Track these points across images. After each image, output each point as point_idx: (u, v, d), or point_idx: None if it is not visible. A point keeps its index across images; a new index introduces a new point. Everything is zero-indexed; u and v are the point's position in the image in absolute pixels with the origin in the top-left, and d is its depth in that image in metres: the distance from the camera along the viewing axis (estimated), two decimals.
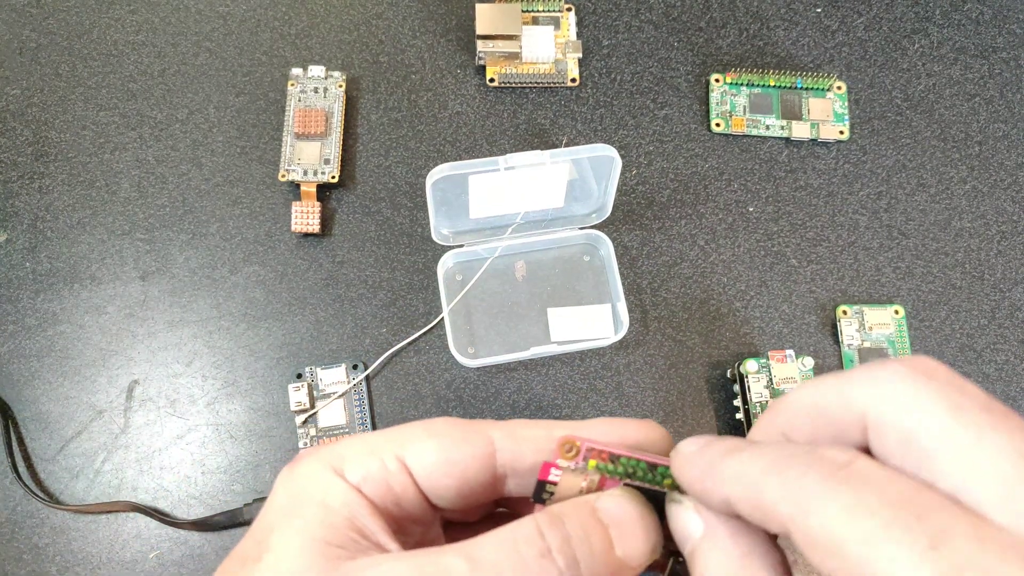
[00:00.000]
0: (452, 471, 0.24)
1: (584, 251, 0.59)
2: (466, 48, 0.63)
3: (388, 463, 0.24)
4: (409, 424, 0.25)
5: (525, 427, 0.25)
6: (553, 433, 0.24)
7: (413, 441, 0.24)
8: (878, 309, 0.57)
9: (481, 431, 0.24)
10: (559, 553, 0.21)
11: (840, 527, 0.18)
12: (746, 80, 0.62)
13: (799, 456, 0.20)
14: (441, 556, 0.21)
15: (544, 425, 0.25)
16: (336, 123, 0.60)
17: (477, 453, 0.24)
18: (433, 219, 0.54)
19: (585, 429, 0.24)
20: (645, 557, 0.23)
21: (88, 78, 0.61)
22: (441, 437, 0.24)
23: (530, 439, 0.24)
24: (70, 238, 0.58)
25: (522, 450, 0.24)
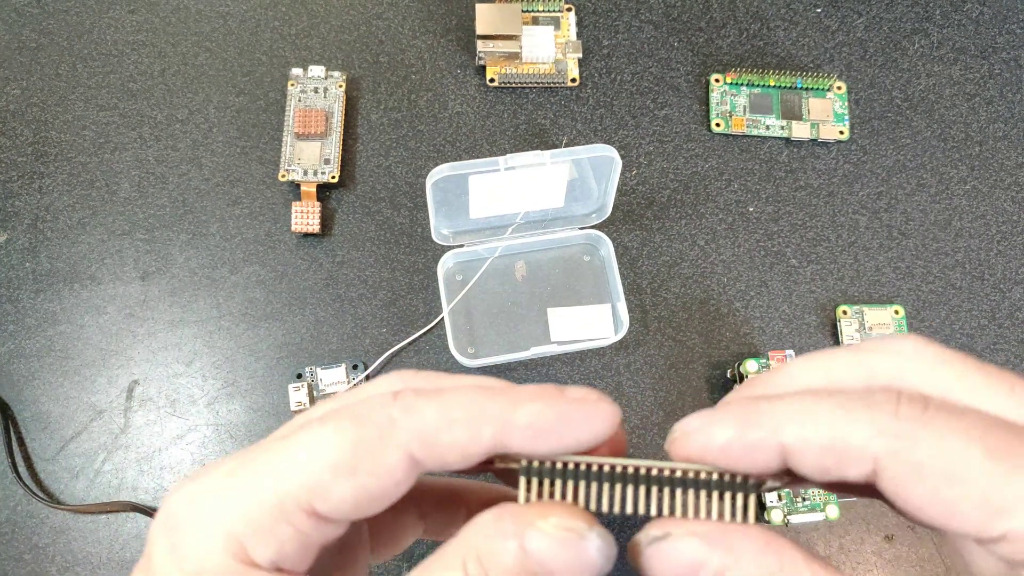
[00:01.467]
0: (373, 505, 0.21)
1: (584, 251, 0.59)
2: (466, 48, 0.63)
3: (300, 524, 0.21)
4: (291, 447, 0.21)
5: (447, 428, 0.21)
6: (481, 436, 0.21)
7: (319, 485, 0.20)
8: (878, 309, 0.57)
9: (396, 448, 0.20)
10: None
11: (958, 452, 0.18)
12: (746, 80, 0.62)
13: (876, 394, 0.20)
14: None
15: (467, 424, 0.21)
16: (336, 123, 0.60)
17: (399, 479, 0.21)
18: (433, 219, 0.54)
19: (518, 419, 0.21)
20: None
21: (88, 78, 0.61)
22: (354, 471, 0.20)
23: (453, 447, 0.21)
24: (70, 238, 0.58)
25: (445, 460, 0.21)
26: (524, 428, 0.21)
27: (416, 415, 0.21)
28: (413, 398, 0.21)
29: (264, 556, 0.21)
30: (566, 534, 0.20)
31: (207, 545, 0.21)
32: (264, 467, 0.21)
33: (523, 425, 0.21)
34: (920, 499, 0.19)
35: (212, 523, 0.21)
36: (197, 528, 0.21)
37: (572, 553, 0.20)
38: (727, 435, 0.20)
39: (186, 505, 0.22)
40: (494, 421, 0.21)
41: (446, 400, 0.21)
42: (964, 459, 0.18)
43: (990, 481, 0.18)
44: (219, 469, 0.22)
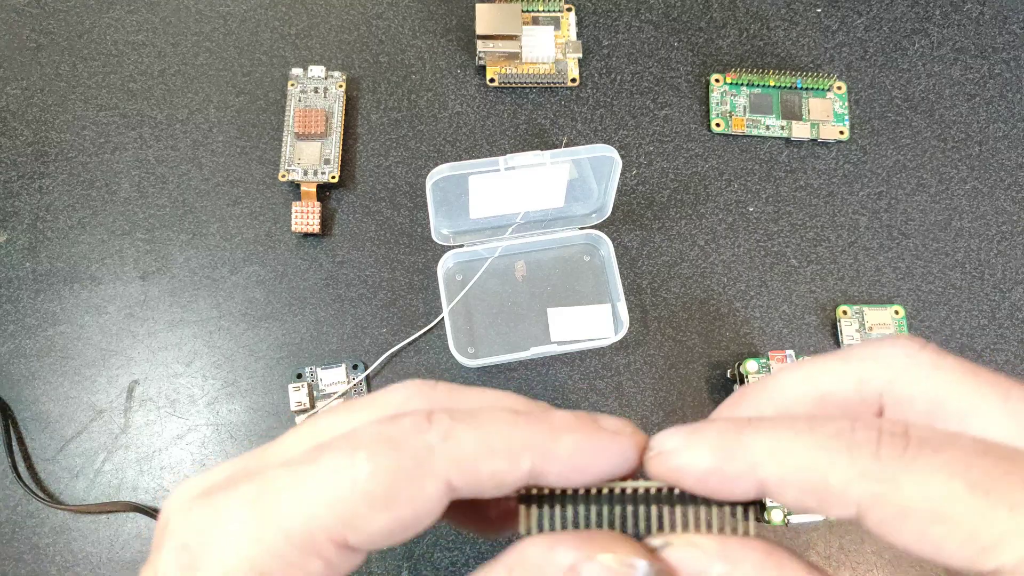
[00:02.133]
0: (407, 534, 0.20)
1: (584, 251, 0.59)
2: (466, 48, 0.63)
3: (331, 558, 0.20)
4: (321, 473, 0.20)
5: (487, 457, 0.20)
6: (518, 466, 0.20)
7: (352, 517, 0.20)
8: (878, 309, 0.57)
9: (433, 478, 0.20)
10: None
11: (941, 491, 0.18)
12: (746, 80, 0.62)
13: (857, 432, 0.19)
14: None
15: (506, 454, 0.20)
16: (336, 123, 0.60)
17: (435, 509, 0.20)
18: (433, 219, 0.54)
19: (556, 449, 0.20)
20: None
21: (88, 78, 0.61)
22: (389, 504, 0.20)
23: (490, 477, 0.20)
24: (70, 238, 0.58)
25: (483, 490, 0.20)
26: (564, 460, 0.20)
27: (454, 443, 0.20)
28: (450, 423, 0.20)
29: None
30: (625, 569, 0.19)
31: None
32: (292, 495, 0.20)
33: (563, 457, 0.20)
34: (907, 539, 0.19)
35: (234, 555, 0.20)
36: (216, 560, 0.20)
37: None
38: (704, 463, 0.20)
39: (204, 532, 0.20)
40: (534, 451, 0.20)
41: (484, 427, 0.20)
42: (948, 498, 0.18)
43: (976, 517, 0.18)
44: (237, 494, 0.20)
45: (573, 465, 0.20)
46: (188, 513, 0.21)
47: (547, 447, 0.20)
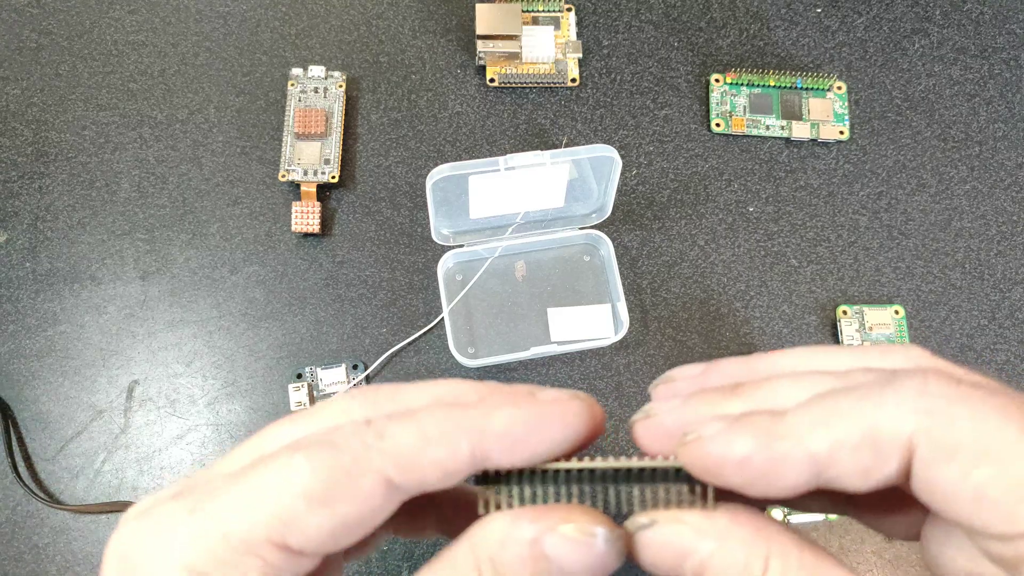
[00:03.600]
0: (351, 535, 0.20)
1: (584, 251, 0.59)
2: (466, 48, 0.63)
3: (271, 560, 0.20)
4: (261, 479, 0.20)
5: (423, 447, 0.20)
6: (458, 453, 0.20)
7: (292, 518, 0.19)
8: (878, 309, 0.57)
9: (372, 474, 0.20)
10: None
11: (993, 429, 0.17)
12: (746, 80, 0.62)
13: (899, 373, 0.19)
14: None
15: (443, 441, 0.20)
16: (336, 123, 0.60)
17: (376, 506, 0.20)
18: (433, 219, 0.54)
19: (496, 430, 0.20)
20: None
21: (88, 78, 0.61)
22: (328, 501, 0.19)
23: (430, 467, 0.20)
24: (70, 238, 0.58)
25: (425, 481, 0.20)
26: (501, 436, 0.20)
27: (391, 439, 0.20)
28: (386, 422, 0.20)
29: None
30: (586, 538, 0.20)
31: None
32: (230, 500, 0.20)
33: (499, 432, 0.20)
34: (948, 482, 0.18)
35: (169, 559, 0.20)
36: (154, 565, 0.20)
37: (591, 555, 0.20)
38: (746, 448, 0.19)
39: (141, 541, 0.20)
40: (470, 433, 0.20)
41: (420, 420, 0.20)
42: (1000, 438, 0.17)
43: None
44: (176, 504, 0.20)
45: (512, 440, 0.20)
46: (127, 526, 0.21)
47: (482, 427, 0.20)
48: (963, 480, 0.18)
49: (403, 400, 0.22)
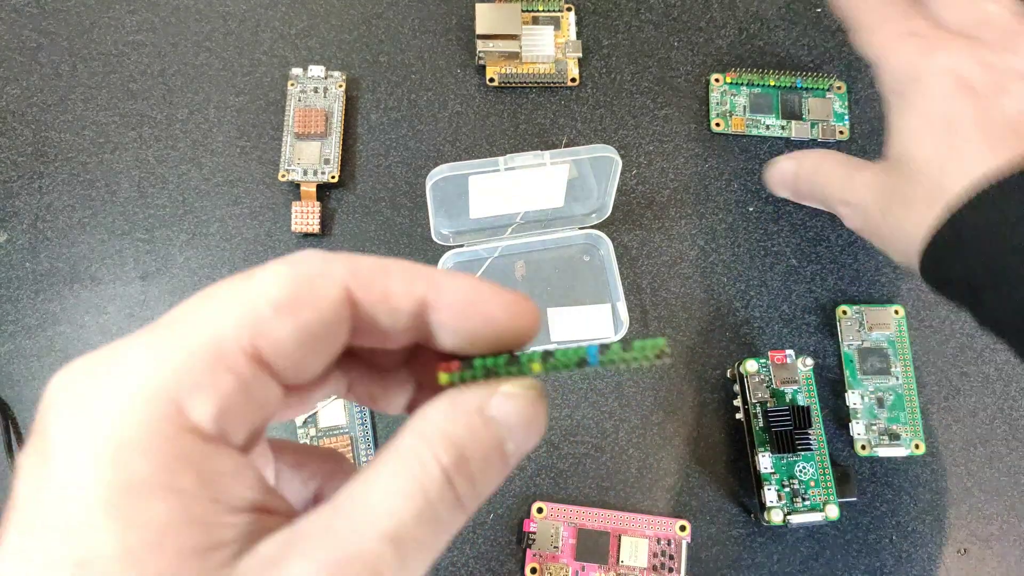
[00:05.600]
0: (316, 348, 0.20)
1: (584, 251, 0.59)
2: (466, 48, 0.63)
3: (243, 371, 0.18)
4: (227, 291, 0.19)
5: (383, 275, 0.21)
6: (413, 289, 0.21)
7: (261, 323, 0.19)
8: (878, 309, 0.57)
9: (334, 284, 0.20)
10: (468, 498, 0.20)
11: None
12: (746, 80, 0.62)
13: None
14: (361, 545, 0.18)
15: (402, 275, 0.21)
16: (336, 123, 0.60)
17: (339, 320, 0.20)
18: (433, 219, 0.54)
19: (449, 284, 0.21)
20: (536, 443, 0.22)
21: (88, 78, 0.61)
22: (294, 308, 0.19)
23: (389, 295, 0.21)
24: (70, 238, 0.58)
25: (379, 311, 0.21)
26: (455, 294, 0.21)
27: (355, 259, 0.21)
28: (355, 254, 0.21)
29: (205, 412, 0.18)
30: (528, 393, 0.21)
31: (130, 406, 0.17)
32: (199, 311, 0.19)
33: (454, 290, 0.21)
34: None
35: (136, 379, 0.18)
36: (114, 388, 0.17)
37: (530, 408, 0.21)
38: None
39: (97, 363, 0.18)
40: (428, 281, 0.21)
41: (384, 258, 0.21)
42: None
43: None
44: (131, 337, 0.19)
45: (465, 302, 0.21)
46: (71, 364, 0.19)
47: (442, 280, 0.21)
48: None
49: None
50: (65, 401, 0.18)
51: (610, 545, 0.52)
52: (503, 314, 0.21)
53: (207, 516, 0.17)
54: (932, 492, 0.55)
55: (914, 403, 0.55)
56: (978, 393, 0.57)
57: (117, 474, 0.17)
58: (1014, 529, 0.54)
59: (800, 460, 0.51)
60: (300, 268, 0.20)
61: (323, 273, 0.20)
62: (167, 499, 0.17)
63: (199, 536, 0.17)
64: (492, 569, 0.52)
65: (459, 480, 0.19)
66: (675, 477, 0.54)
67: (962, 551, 0.54)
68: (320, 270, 0.20)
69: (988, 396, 0.57)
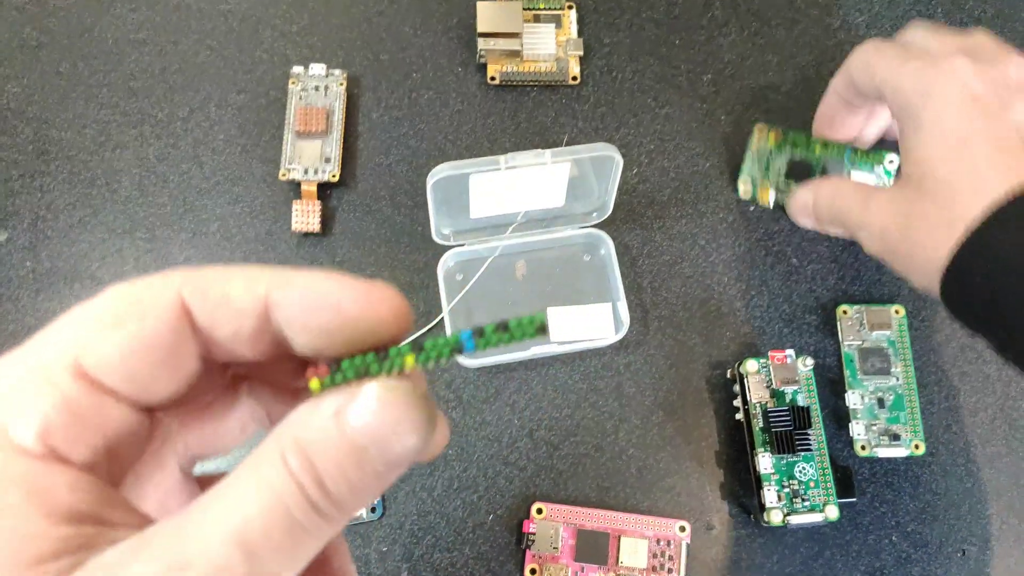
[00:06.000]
0: (147, 358, 0.20)
1: (584, 250, 0.59)
2: (467, 46, 0.63)
3: (64, 386, 0.19)
4: (61, 318, 0.20)
5: (221, 280, 0.20)
6: (253, 289, 0.20)
7: (84, 339, 0.19)
8: (879, 309, 0.57)
9: (164, 294, 0.20)
10: (324, 505, 0.19)
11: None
12: (791, 139, 0.56)
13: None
14: (206, 546, 0.17)
15: (241, 277, 0.21)
16: (337, 121, 0.60)
17: (170, 327, 0.20)
18: (433, 218, 0.54)
19: (289, 279, 0.21)
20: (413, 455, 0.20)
21: (89, 76, 0.61)
22: (119, 321, 0.19)
23: (227, 299, 0.20)
24: (70, 237, 0.58)
25: (220, 316, 0.20)
26: (296, 287, 0.20)
27: (191, 270, 0.20)
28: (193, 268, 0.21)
29: (27, 431, 0.18)
30: (390, 395, 0.19)
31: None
32: (35, 338, 0.19)
33: (295, 283, 0.20)
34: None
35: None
36: None
37: (402, 411, 0.19)
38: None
39: None
40: (272, 279, 0.20)
41: (228, 266, 0.21)
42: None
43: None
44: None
45: (309, 295, 0.20)
46: None
47: (284, 277, 0.20)
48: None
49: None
50: None
51: (610, 546, 0.52)
52: (354, 305, 0.20)
53: (38, 529, 0.17)
54: (932, 492, 0.55)
55: (914, 403, 0.55)
56: (978, 393, 0.56)
57: None
58: (1014, 529, 0.54)
59: (800, 460, 0.51)
60: (130, 286, 0.20)
61: (152, 286, 0.20)
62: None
63: (31, 548, 0.17)
64: (492, 570, 0.52)
65: (310, 486, 0.18)
66: (675, 477, 0.54)
67: (962, 551, 0.54)
68: (150, 284, 0.20)
69: (988, 396, 0.56)
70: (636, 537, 0.52)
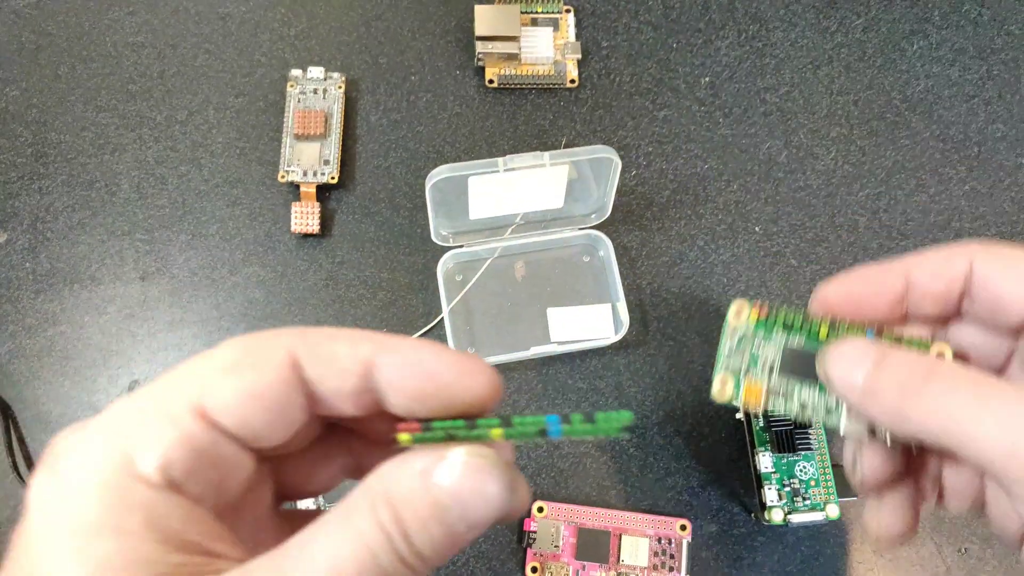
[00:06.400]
0: (261, 405, 0.21)
1: (584, 251, 0.59)
2: (465, 49, 0.63)
3: (187, 424, 0.20)
4: (187, 363, 0.21)
5: (329, 340, 0.22)
6: (359, 351, 0.22)
7: (206, 383, 0.21)
8: None
9: (279, 348, 0.21)
10: (409, 557, 0.20)
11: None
12: (782, 320, 0.33)
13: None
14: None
15: (348, 339, 0.22)
16: (335, 124, 0.60)
17: (283, 379, 0.21)
18: (432, 220, 0.54)
19: (393, 345, 0.22)
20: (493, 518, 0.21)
21: (88, 79, 0.61)
22: (238, 369, 0.21)
23: (335, 358, 0.22)
24: (70, 239, 0.58)
25: (326, 373, 0.22)
26: (398, 352, 0.22)
27: (302, 329, 0.22)
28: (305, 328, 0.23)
29: (149, 463, 0.19)
30: (476, 461, 0.20)
31: (91, 461, 0.20)
32: (161, 379, 0.21)
33: (398, 348, 0.22)
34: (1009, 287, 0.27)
35: (97, 441, 0.20)
36: (82, 451, 0.20)
37: (486, 481, 0.20)
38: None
39: (71, 435, 0.21)
40: (374, 343, 0.22)
41: (333, 327, 0.23)
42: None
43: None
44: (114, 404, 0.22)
45: (409, 362, 0.22)
46: (70, 428, 0.22)
47: (387, 341, 0.22)
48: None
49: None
50: (45, 468, 0.21)
51: (611, 544, 0.52)
52: (450, 373, 0.22)
53: (154, 555, 0.19)
54: None
55: None
56: None
57: (72, 518, 0.19)
58: None
59: (800, 459, 0.51)
60: (249, 339, 0.22)
61: (268, 339, 0.22)
62: (114, 538, 0.19)
63: (146, 572, 0.18)
64: (493, 568, 0.52)
65: (397, 537, 0.20)
66: (675, 477, 0.54)
67: (962, 551, 0.54)
68: (265, 338, 0.22)
69: None
70: (637, 536, 0.52)
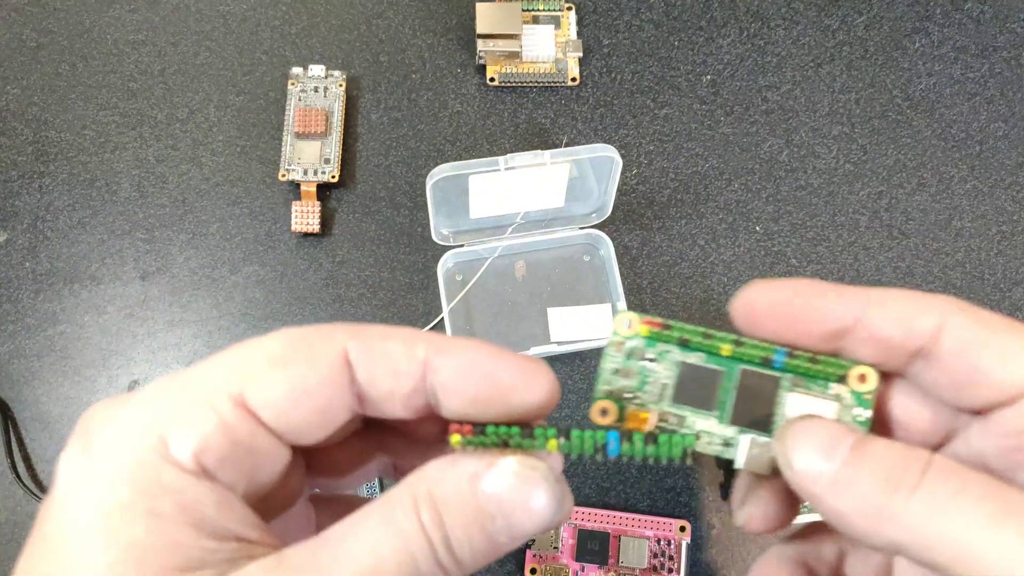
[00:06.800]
0: (307, 403, 0.20)
1: (584, 251, 0.59)
2: (466, 47, 0.63)
3: (226, 414, 0.19)
4: (232, 350, 0.21)
5: (383, 340, 0.21)
6: (415, 352, 0.21)
7: (252, 374, 0.20)
8: None
9: (332, 344, 0.20)
10: (447, 562, 0.19)
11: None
12: (677, 335, 0.28)
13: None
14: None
15: (403, 339, 0.21)
16: (336, 122, 0.60)
17: (334, 377, 0.20)
18: (433, 219, 0.54)
19: (450, 346, 0.21)
20: (537, 532, 0.20)
21: (88, 77, 0.61)
22: (287, 362, 0.20)
23: (389, 358, 0.21)
24: (70, 238, 0.58)
25: (380, 374, 0.21)
26: (456, 353, 0.21)
27: (357, 325, 0.21)
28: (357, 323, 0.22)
29: (184, 448, 0.19)
30: (528, 473, 0.20)
31: (125, 441, 0.19)
32: (201, 363, 0.20)
33: (455, 349, 0.21)
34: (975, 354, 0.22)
35: (132, 421, 0.19)
36: (115, 429, 0.19)
37: (534, 494, 0.20)
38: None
39: (105, 410, 0.20)
40: (429, 343, 0.21)
41: (388, 326, 0.22)
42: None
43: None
44: (148, 384, 0.21)
45: (467, 363, 0.21)
46: (100, 403, 0.21)
47: (443, 342, 0.21)
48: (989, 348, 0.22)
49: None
50: (80, 437, 0.20)
51: (610, 545, 0.52)
52: (510, 377, 0.21)
53: (186, 539, 0.18)
54: None
55: None
56: None
57: (103, 499, 0.18)
58: None
59: None
60: (300, 332, 0.21)
61: (321, 334, 0.21)
62: (146, 521, 0.18)
63: (178, 557, 0.18)
64: (492, 569, 0.52)
65: (437, 541, 0.19)
66: (675, 477, 0.54)
67: None
68: (318, 332, 0.21)
69: None
70: (636, 537, 0.52)
